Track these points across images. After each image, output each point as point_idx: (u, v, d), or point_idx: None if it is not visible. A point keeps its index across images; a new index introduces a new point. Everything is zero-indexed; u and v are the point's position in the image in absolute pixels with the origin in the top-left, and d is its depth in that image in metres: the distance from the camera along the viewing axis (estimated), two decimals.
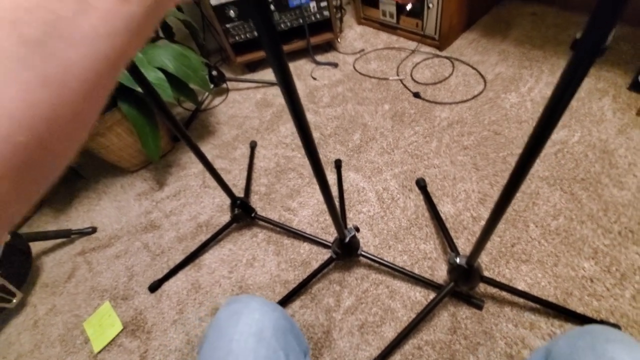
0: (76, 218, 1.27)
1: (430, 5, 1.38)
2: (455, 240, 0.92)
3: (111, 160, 1.27)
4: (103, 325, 0.99)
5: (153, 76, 0.97)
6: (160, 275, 1.05)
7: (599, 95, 1.16)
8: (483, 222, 0.95)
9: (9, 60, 0.12)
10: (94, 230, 1.22)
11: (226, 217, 1.14)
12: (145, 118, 1.06)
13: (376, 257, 0.92)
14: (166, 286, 1.04)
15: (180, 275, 1.05)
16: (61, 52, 0.13)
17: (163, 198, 1.26)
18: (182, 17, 1.17)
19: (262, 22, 0.34)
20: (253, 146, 1.32)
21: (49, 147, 0.13)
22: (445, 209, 1.01)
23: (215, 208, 1.19)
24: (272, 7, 1.41)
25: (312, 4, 1.44)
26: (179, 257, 1.08)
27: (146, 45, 1.13)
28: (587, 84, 1.20)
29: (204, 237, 1.10)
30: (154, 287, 1.04)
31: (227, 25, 1.43)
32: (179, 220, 1.18)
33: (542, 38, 1.41)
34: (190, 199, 1.23)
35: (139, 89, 0.96)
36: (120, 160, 1.27)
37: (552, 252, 0.87)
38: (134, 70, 0.67)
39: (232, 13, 1.38)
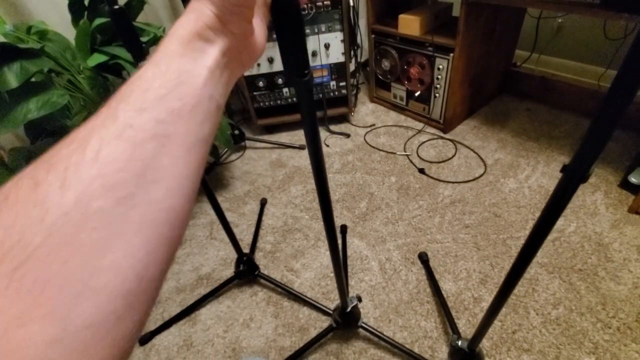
0: None
1: (437, 95, 1.54)
2: (456, 321, 0.92)
3: None
4: None
5: None
6: (152, 327, 1.02)
7: (591, 190, 1.24)
8: (484, 304, 0.96)
9: (114, 219, 0.14)
10: None
11: (228, 272, 1.15)
12: None
13: (376, 330, 0.91)
14: (157, 340, 1.01)
15: (174, 329, 1.03)
16: (146, 196, 0.15)
17: None
18: None
19: (304, 92, 0.41)
20: (263, 203, 1.38)
21: (149, 279, 0.15)
22: (447, 286, 1.02)
23: (218, 261, 1.20)
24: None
25: (332, 83, 1.62)
26: (174, 310, 1.06)
27: None
28: None
29: (203, 291, 1.09)
30: (145, 339, 1.01)
31: (255, 93, 1.59)
32: (180, 270, 1.18)
33: (536, 132, 1.55)
34: (195, 249, 1.25)
35: None
36: None
37: (553, 343, 0.86)
38: None
39: (260, 83, 1.55)
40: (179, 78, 0.16)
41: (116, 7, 0.50)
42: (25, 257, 0.12)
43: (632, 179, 1.21)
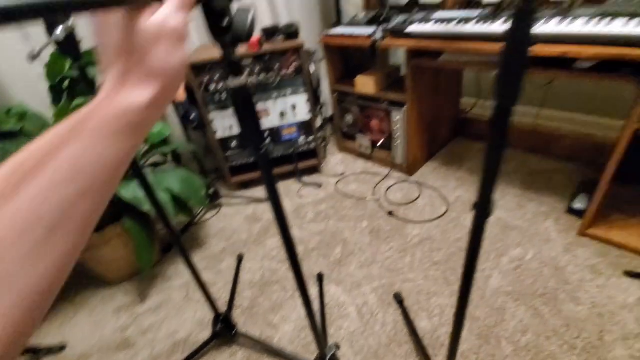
0: (47, 333, 1.21)
1: (397, 143, 1.69)
2: (434, 359, 0.94)
3: (98, 271, 1.30)
4: None
5: (160, 197, 1.11)
6: None
7: (543, 218, 1.35)
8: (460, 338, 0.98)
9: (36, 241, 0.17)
10: (62, 348, 1.15)
11: (206, 333, 1.12)
12: (144, 232, 1.16)
13: None
14: None
15: None
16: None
17: (143, 312, 1.24)
18: (191, 149, 1.41)
19: (261, 157, 0.49)
20: (240, 259, 1.39)
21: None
22: (423, 324, 1.04)
23: (195, 323, 1.17)
24: (268, 140, 1.70)
25: (301, 138, 1.75)
26: None
27: (157, 171, 1.31)
28: (533, 207, 1.41)
29: (180, 357, 1.06)
30: None
31: (228, 153, 1.68)
32: (155, 338, 1.15)
33: None
34: (172, 312, 1.22)
35: (145, 208, 1.08)
36: (107, 272, 1.30)
37: None
38: (149, 193, 0.80)
39: (233, 144, 1.66)
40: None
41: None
42: None
43: (576, 205, 1.34)
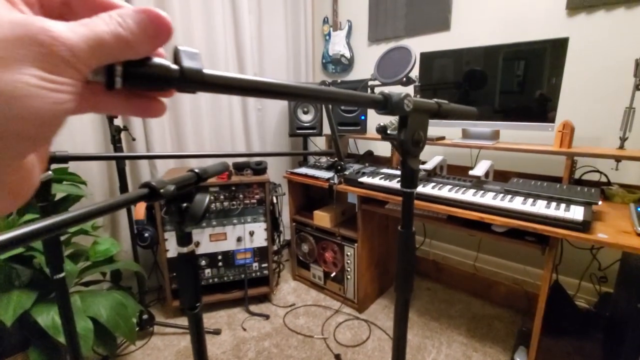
0: None
1: (349, 277, 1.73)
2: None
3: None
4: None
5: (82, 326, 0.99)
6: None
7: None
8: None
9: None
10: None
11: None
12: None
13: None
14: None
15: None
16: None
17: None
18: (136, 269, 1.34)
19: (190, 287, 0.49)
20: None
21: None
22: None
23: None
24: (220, 263, 1.67)
25: (255, 264, 1.74)
26: None
27: (88, 292, 1.21)
28: (478, 359, 1.40)
29: None
30: None
31: (175, 274, 1.60)
32: None
33: (437, 311, 1.74)
34: None
35: (60, 339, 0.96)
36: None
37: None
38: (68, 320, 0.73)
39: None
40: None
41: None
42: None
43: (517, 359, 1.36)
